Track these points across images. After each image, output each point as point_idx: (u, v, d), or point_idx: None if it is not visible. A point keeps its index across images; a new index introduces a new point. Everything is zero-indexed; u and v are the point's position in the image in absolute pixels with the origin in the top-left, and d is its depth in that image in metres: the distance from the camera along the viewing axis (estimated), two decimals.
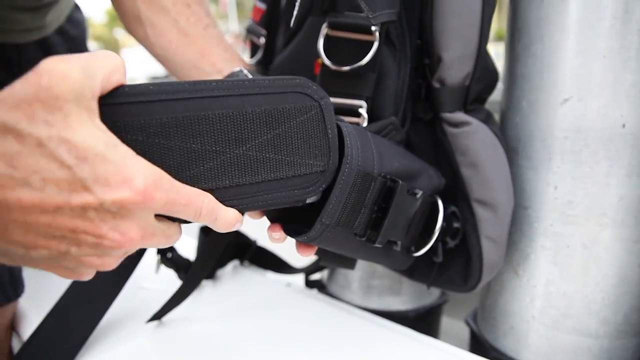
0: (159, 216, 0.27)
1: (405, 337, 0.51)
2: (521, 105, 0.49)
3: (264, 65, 0.60)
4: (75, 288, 0.48)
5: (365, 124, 0.43)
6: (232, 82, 0.29)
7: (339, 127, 0.35)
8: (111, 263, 0.26)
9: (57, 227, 0.22)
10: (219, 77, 0.48)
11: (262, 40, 0.59)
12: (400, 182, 0.36)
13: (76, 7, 0.70)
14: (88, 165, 0.22)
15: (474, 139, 0.46)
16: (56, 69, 0.22)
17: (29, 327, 0.53)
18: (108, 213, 0.23)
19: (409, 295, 0.62)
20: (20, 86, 0.21)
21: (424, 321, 0.63)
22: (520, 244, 0.51)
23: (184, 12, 0.50)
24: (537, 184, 0.48)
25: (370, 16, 0.38)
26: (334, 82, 0.44)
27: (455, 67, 0.44)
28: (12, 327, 0.57)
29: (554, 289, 0.49)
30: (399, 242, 0.40)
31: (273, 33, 0.58)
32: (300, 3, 0.41)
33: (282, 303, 0.59)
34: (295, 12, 0.41)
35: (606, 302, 0.47)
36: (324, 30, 0.43)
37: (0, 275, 0.51)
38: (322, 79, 0.45)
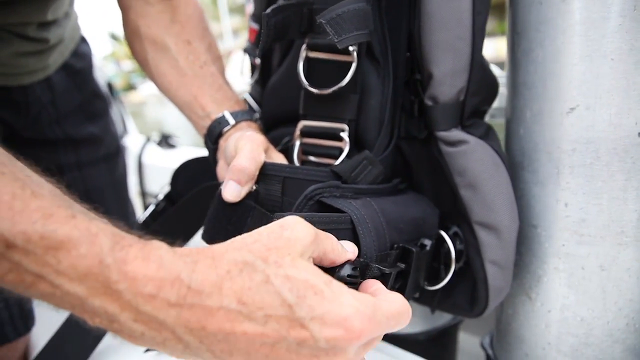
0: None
1: None
2: (524, 115, 0.45)
3: (261, 85, 0.59)
4: (73, 318, 0.49)
5: (347, 148, 0.42)
6: None
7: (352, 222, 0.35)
8: None
9: (274, 357, 0.24)
10: (208, 120, 0.47)
11: (258, 60, 0.58)
12: (414, 249, 0.38)
13: (82, 40, 0.71)
14: (307, 304, 0.24)
15: (471, 158, 0.42)
16: (298, 227, 0.27)
17: None
18: (321, 350, 0.24)
19: (418, 317, 0.59)
20: (267, 234, 0.26)
21: (437, 343, 0.60)
22: (531, 265, 0.47)
23: (184, 51, 0.49)
24: (546, 201, 0.44)
25: (336, 40, 0.36)
26: (316, 105, 0.43)
27: (447, 83, 0.41)
28: (26, 359, 0.59)
29: (570, 315, 0.44)
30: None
31: (268, 52, 0.57)
32: (265, 32, 0.39)
33: None
34: (260, 42, 0.40)
35: (632, 328, 0.43)
36: (303, 52, 0.42)
37: (10, 311, 0.53)
38: (304, 102, 0.43)
